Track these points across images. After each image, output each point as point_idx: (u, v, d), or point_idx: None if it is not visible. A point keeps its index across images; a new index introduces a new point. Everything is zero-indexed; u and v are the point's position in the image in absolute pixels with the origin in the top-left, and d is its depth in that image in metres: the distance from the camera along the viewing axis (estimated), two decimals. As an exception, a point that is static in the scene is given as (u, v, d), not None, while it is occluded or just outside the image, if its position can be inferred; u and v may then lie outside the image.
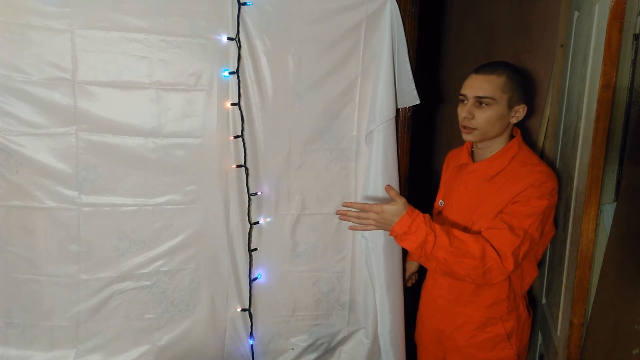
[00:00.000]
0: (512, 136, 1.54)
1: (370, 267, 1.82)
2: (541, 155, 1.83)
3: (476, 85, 1.46)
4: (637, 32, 1.23)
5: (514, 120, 1.49)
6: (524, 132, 1.79)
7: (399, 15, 1.72)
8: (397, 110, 1.78)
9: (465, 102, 1.49)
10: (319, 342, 1.94)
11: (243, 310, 1.82)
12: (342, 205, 1.48)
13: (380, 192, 1.75)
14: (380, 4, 1.71)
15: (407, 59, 1.75)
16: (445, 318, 1.62)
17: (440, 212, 1.67)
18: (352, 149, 1.83)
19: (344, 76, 1.76)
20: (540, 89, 1.88)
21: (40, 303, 1.68)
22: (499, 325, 1.54)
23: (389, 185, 1.43)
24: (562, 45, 1.73)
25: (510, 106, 1.46)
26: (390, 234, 1.41)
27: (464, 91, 1.50)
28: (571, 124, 1.53)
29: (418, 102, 1.79)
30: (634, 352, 1.17)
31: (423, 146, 3.32)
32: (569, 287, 1.42)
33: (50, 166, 1.60)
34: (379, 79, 1.73)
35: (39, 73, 1.54)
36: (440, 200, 1.69)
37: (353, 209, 1.45)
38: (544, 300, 1.76)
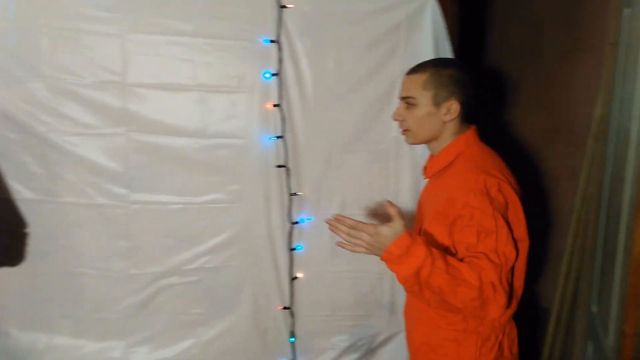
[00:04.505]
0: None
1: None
2: (585, 157, 1.76)
3: (403, 87, 1.44)
4: (697, 27, 1.17)
5: (447, 118, 1.37)
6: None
7: (440, 15, 1.70)
8: (439, 110, 1.76)
9: None
10: (360, 342, 1.93)
11: (284, 308, 1.85)
12: (333, 216, 1.27)
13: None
14: (421, 4, 1.70)
15: (449, 58, 1.73)
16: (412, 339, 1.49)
17: None
18: (391, 150, 1.82)
19: (384, 77, 1.76)
20: (587, 88, 1.82)
21: (92, 296, 1.75)
22: None
23: (389, 201, 1.25)
24: (611, 44, 1.66)
25: (437, 103, 1.37)
26: (382, 258, 1.22)
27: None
28: (622, 126, 1.47)
29: (461, 102, 1.77)
30: (691, 363, 1.11)
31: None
32: (621, 294, 1.37)
33: (101, 165, 1.66)
34: (420, 79, 1.71)
35: (91, 76, 1.61)
36: None
37: (344, 225, 1.24)
38: (594, 308, 1.70)
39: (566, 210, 2.11)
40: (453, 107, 1.37)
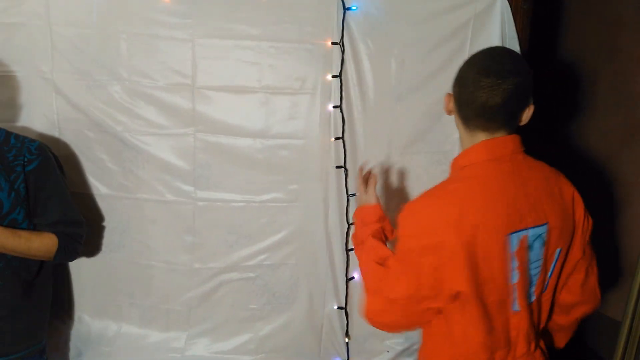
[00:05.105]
0: None
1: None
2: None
3: None
4: None
5: (445, 111, 1.29)
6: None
7: (510, 13, 1.65)
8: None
9: None
10: (415, 347, 1.91)
11: (339, 308, 1.86)
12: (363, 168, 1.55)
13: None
14: (490, 2, 1.65)
15: (517, 58, 1.66)
16: None
17: None
18: (454, 152, 1.79)
19: (448, 77, 1.71)
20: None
21: (159, 287, 1.83)
22: None
23: (370, 170, 1.51)
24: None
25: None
26: None
27: None
28: None
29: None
30: None
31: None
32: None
33: (171, 163, 1.74)
34: (486, 79, 1.67)
35: (163, 79, 1.69)
36: None
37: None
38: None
39: (642, 218, 1.98)
40: (446, 100, 1.28)
